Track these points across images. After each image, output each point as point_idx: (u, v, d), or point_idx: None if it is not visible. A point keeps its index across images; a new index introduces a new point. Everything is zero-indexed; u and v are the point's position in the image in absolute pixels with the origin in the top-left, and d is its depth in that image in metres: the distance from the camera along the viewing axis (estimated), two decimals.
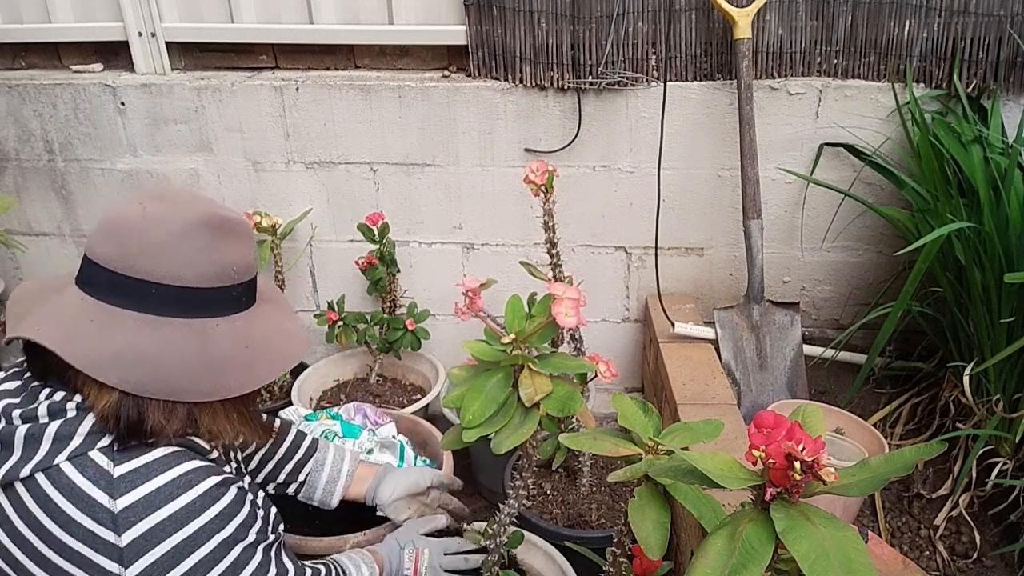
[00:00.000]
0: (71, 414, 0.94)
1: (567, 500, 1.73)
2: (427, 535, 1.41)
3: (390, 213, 2.12)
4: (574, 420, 1.45)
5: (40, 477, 0.91)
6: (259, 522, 1.03)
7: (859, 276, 2.09)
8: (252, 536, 1.00)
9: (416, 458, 1.71)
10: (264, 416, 1.22)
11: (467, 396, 1.10)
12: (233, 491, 0.99)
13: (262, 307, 1.09)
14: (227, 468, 1.10)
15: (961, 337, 1.75)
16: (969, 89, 1.86)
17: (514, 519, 1.32)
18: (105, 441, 0.94)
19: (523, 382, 1.09)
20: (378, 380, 2.23)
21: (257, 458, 1.39)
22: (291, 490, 1.43)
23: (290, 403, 2.02)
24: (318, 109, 2.06)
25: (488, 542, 1.34)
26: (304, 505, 1.51)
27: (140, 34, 2.11)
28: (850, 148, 1.93)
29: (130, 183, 2.21)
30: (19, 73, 2.22)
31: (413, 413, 1.93)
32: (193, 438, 1.03)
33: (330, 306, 2.16)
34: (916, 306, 1.85)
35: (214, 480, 0.97)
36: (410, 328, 2.13)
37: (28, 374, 1.02)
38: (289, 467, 1.41)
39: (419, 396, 2.13)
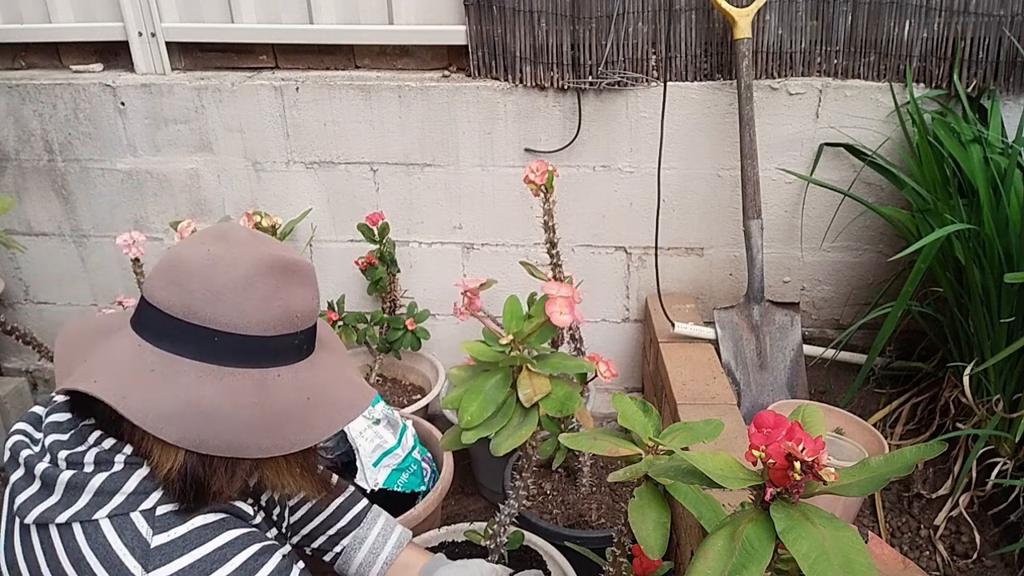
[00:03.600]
0: (117, 467, 0.89)
1: (567, 500, 1.73)
2: None
3: (390, 213, 2.12)
4: (574, 420, 1.45)
5: (76, 528, 0.87)
6: None
7: (859, 276, 2.09)
8: None
9: (416, 443, 1.71)
10: (321, 469, 1.12)
11: (465, 397, 1.10)
12: (275, 559, 0.92)
13: (321, 354, 1.02)
14: (270, 534, 1.03)
15: (961, 337, 1.75)
16: (969, 89, 1.86)
17: (514, 519, 1.32)
18: (148, 504, 0.88)
19: (522, 383, 1.09)
20: (378, 380, 2.23)
21: (302, 510, 1.25)
22: (327, 558, 1.28)
23: None
24: (318, 109, 2.06)
25: (488, 542, 1.34)
26: None
27: (140, 34, 2.11)
28: (850, 148, 1.93)
29: (130, 183, 2.21)
30: (19, 73, 2.22)
31: (413, 413, 1.93)
32: (237, 503, 0.98)
33: (330, 306, 2.16)
34: (916, 306, 1.85)
35: (253, 550, 0.91)
36: (410, 328, 2.13)
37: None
38: (331, 532, 1.26)
39: (419, 396, 2.13)
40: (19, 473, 0.91)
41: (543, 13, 1.88)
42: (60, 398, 0.97)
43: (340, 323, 2.13)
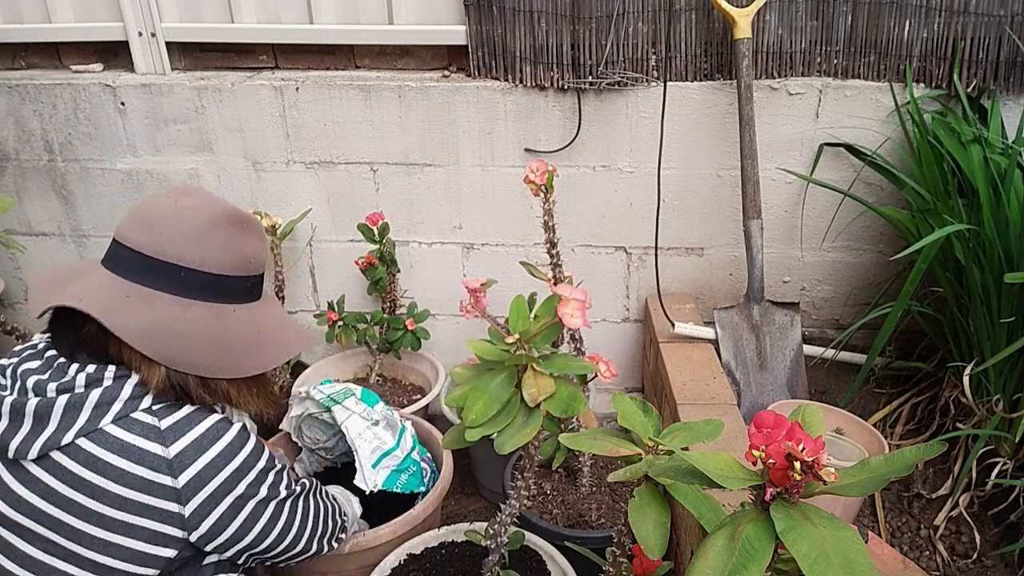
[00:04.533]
0: (108, 382, 1.03)
1: (567, 500, 1.73)
2: None
3: (390, 213, 2.12)
4: (575, 420, 1.45)
5: (83, 442, 1.00)
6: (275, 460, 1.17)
7: (859, 276, 2.09)
8: (278, 464, 1.16)
9: (415, 444, 1.71)
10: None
11: (470, 396, 1.10)
12: (253, 437, 1.12)
13: (267, 302, 1.22)
14: None
15: (961, 337, 1.75)
16: (969, 89, 1.86)
17: (515, 519, 1.32)
18: (145, 403, 1.04)
19: (527, 382, 1.09)
20: (378, 380, 2.23)
21: None
22: None
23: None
24: (318, 109, 2.06)
25: (488, 542, 1.34)
26: None
27: (140, 34, 2.11)
28: (850, 148, 1.94)
29: (130, 183, 2.21)
30: (19, 73, 2.22)
31: (413, 413, 1.93)
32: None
33: (330, 306, 2.16)
34: (916, 306, 1.85)
35: (238, 427, 1.10)
36: (410, 328, 2.13)
37: (49, 353, 1.08)
38: None
39: (419, 396, 2.13)
40: (3, 424, 1.01)
41: (543, 13, 1.88)
42: (22, 355, 1.10)
43: (340, 323, 2.13)
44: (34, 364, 1.07)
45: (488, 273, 2.17)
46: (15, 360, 1.09)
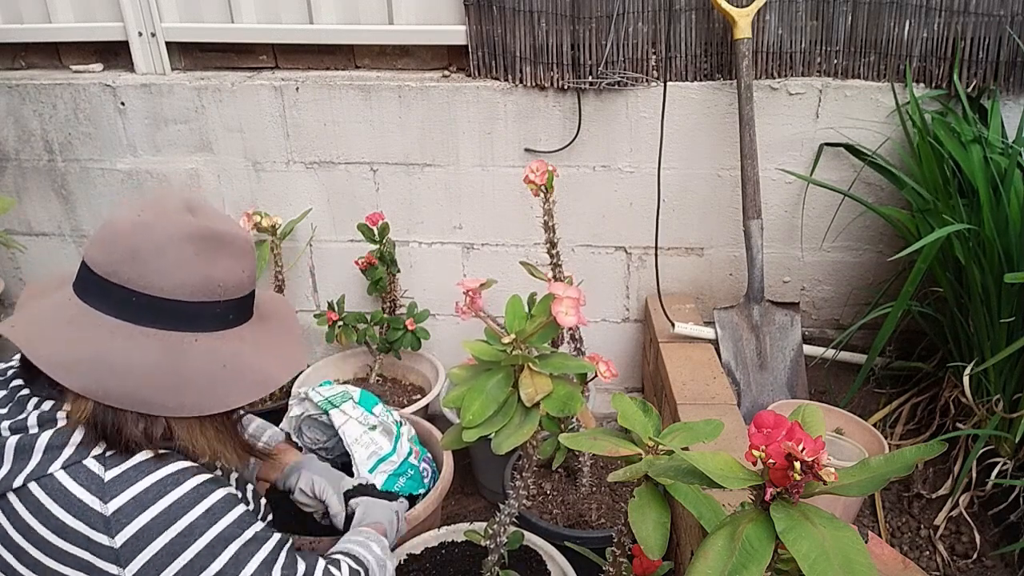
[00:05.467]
0: (61, 423, 0.93)
1: (567, 500, 1.73)
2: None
3: (390, 213, 2.12)
4: (574, 420, 1.45)
5: (33, 486, 0.91)
6: (258, 522, 1.01)
7: (859, 276, 2.09)
8: (250, 534, 0.98)
9: (411, 449, 1.71)
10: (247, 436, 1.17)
11: (467, 396, 1.10)
12: (221, 492, 0.97)
13: (256, 326, 1.07)
14: (217, 472, 1.07)
15: (961, 337, 1.75)
16: (969, 89, 1.86)
17: (514, 519, 1.32)
18: (98, 449, 0.93)
19: (523, 382, 1.09)
20: (378, 380, 2.23)
21: None
22: None
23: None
24: (318, 109, 2.06)
25: (488, 542, 1.34)
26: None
27: (140, 34, 2.11)
28: (850, 148, 1.93)
29: (130, 183, 2.21)
30: (19, 73, 2.22)
31: (413, 413, 1.93)
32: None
33: (330, 306, 2.16)
34: (916, 306, 1.85)
35: (201, 478, 0.96)
36: (410, 328, 2.13)
37: (14, 382, 1.00)
38: None
39: (419, 396, 2.13)
40: None
41: (543, 13, 1.88)
42: None
43: (340, 323, 2.13)
44: None
45: (488, 273, 2.17)
46: None
